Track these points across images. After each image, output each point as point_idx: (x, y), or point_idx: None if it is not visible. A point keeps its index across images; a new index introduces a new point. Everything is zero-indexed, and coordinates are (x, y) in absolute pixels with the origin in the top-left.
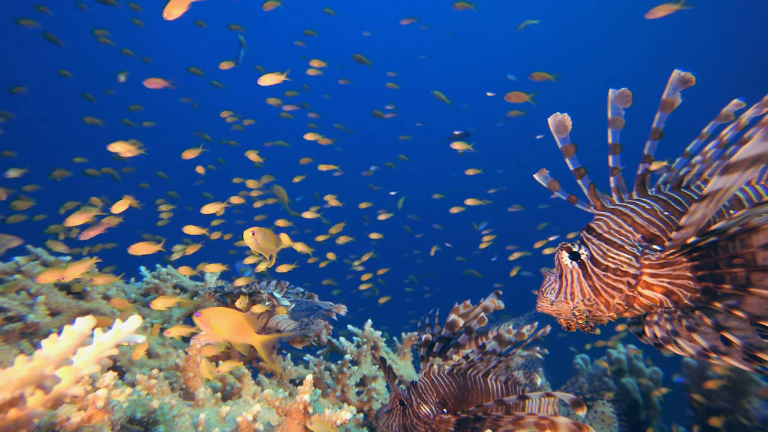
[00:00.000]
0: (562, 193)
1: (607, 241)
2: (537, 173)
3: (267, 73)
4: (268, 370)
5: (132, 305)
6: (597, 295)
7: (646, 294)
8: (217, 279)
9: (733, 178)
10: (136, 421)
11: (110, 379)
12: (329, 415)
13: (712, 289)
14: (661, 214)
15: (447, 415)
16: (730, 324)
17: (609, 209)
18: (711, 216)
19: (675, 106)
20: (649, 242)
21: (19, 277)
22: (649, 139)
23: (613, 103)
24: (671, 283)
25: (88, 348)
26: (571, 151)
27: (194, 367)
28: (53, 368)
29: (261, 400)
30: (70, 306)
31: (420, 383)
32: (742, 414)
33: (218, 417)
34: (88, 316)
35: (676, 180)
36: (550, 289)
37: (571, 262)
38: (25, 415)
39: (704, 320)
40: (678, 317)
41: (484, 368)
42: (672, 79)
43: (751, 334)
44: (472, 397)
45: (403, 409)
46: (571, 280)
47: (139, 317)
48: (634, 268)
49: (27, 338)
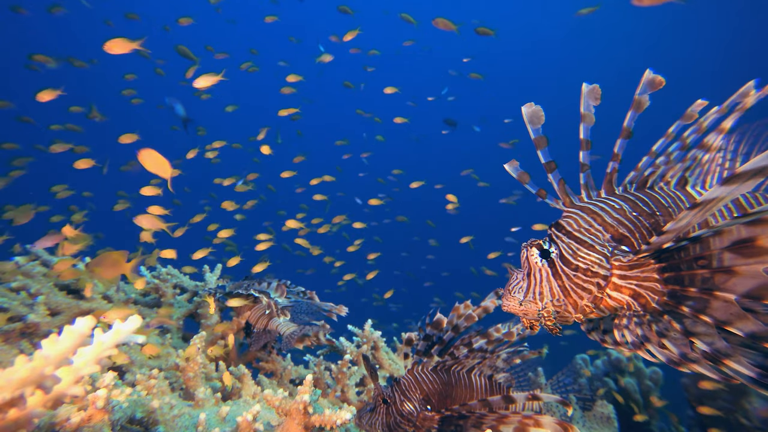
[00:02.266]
0: (532, 186)
1: (577, 239)
2: (507, 163)
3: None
4: (267, 370)
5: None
6: (566, 296)
7: (614, 296)
8: (217, 279)
9: (731, 188)
10: (136, 421)
11: (110, 379)
12: (329, 415)
13: (679, 293)
14: (630, 214)
15: (431, 412)
16: (698, 330)
17: (578, 206)
18: (695, 224)
19: (644, 107)
20: (617, 243)
21: (19, 277)
22: (620, 137)
23: (586, 98)
24: (639, 286)
25: (88, 348)
26: (543, 143)
27: (194, 366)
28: (53, 368)
29: (261, 400)
30: (70, 306)
31: (403, 380)
32: (742, 414)
33: (218, 417)
34: (88, 316)
35: (641, 180)
36: (517, 288)
37: (541, 260)
38: (25, 415)
39: (673, 325)
40: (648, 321)
41: (469, 365)
42: (644, 78)
43: (717, 340)
44: (456, 393)
45: (386, 407)
46: (539, 279)
47: (139, 317)
48: (604, 269)
49: (27, 338)
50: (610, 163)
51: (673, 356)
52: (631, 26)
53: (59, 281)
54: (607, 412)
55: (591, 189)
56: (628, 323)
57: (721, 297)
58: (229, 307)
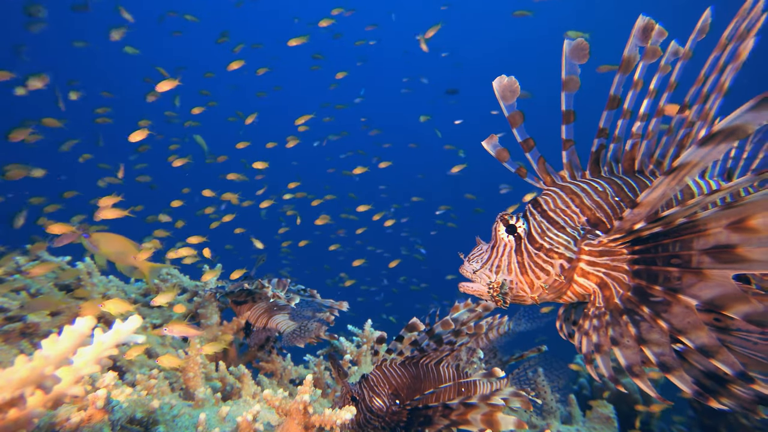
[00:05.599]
0: (512, 164)
1: (549, 219)
2: (486, 140)
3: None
4: (267, 370)
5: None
6: (523, 273)
7: (581, 282)
8: (217, 279)
9: (706, 150)
10: (136, 421)
11: (110, 379)
12: (329, 414)
13: (644, 289)
14: (612, 198)
15: (399, 406)
16: (651, 336)
17: (559, 186)
18: (671, 196)
19: (633, 64)
20: (593, 227)
21: (18, 277)
22: (606, 108)
23: (569, 59)
24: (607, 274)
25: (88, 348)
26: (519, 120)
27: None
28: (53, 368)
29: (261, 400)
30: (70, 306)
31: (371, 376)
32: (742, 414)
33: (218, 417)
34: (88, 316)
35: (627, 158)
36: (477, 257)
37: (507, 235)
38: (25, 415)
39: (629, 329)
40: (606, 323)
41: (437, 357)
42: (636, 27)
43: (668, 350)
44: (425, 386)
45: (355, 404)
46: (500, 253)
47: (139, 317)
48: (570, 251)
49: (27, 338)
50: (595, 140)
51: (621, 364)
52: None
53: (59, 281)
54: (607, 412)
55: (576, 168)
56: (589, 328)
57: (683, 301)
58: (229, 308)
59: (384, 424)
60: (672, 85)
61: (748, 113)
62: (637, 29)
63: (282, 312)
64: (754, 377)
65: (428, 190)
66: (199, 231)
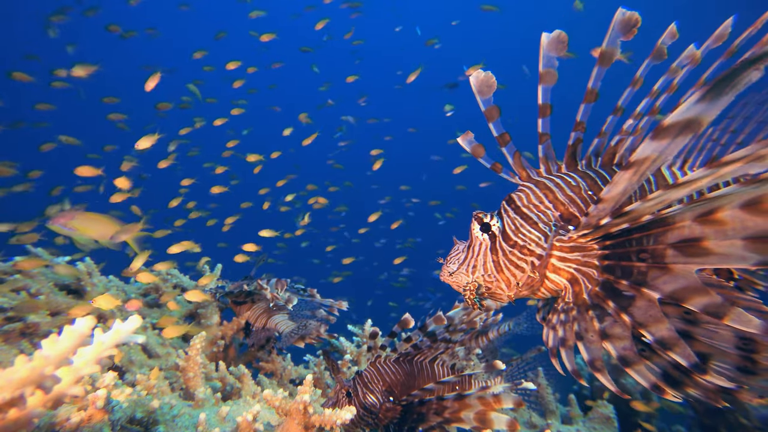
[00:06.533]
0: (487, 160)
1: (523, 215)
2: (461, 136)
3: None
4: (267, 370)
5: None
6: (499, 272)
7: (552, 278)
8: (217, 279)
9: (662, 144)
10: (136, 421)
11: (110, 379)
12: (329, 414)
13: (611, 285)
14: (585, 192)
15: (392, 403)
16: (614, 331)
17: (534, 181)
18: (632, 191)
19: (614, 58)
20: (566, 222)
21: (18, 277)
22: (584, 101)
23: (546, 53)
24: (578, 270)
25: (88, 348)
26: (495, 114)
27: (194, 366)
28: (53, 368)
29: (261, 400)
30: (70, 306)
31: (366, 373)
32: (741, 414)
33: (218, 417)
34: (88, 316)
35: (609, 151)
36: (455, 258)
37: (481, 234)
38: (25, 415)
39: (593, 324)
40: (573, 318)
41: (431, 355)
42: (615, 20)
43: (629, 344)
44: (419, 383)
45: (349, 400)
46: (476, 252)
47: (139, 317)
48: (541, 248)
49: (27, 338)
50: (572, 134)
51: (584, 359)
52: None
53: (59, 281)
54: (608, 412)
55: (552, 162)
56: (557, 322)
57: (646, 294)
58: (229, 308)
59: (377, 421)
60: (673, 87)
61: (698, 104)
62: (617, 22)
63: (282, 312)
64: (707, 369)
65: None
66: (197, 230)
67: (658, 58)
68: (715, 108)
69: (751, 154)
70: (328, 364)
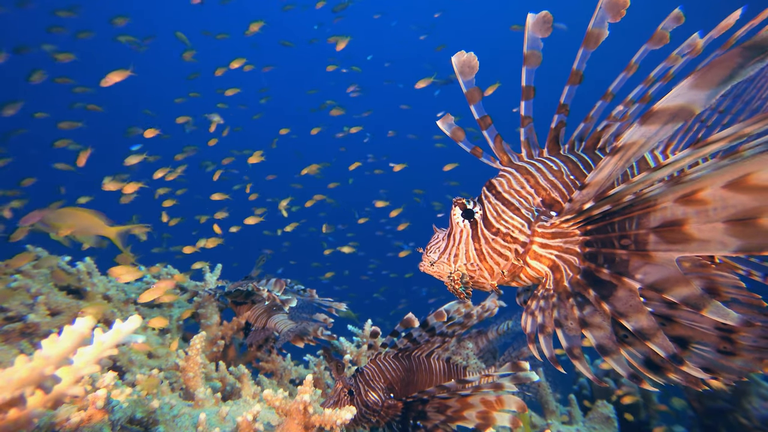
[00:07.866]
0: (467, 144)
1: (504, 201)
2: (440, 119)
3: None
4: (267, 370)
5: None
6: (482, 260)
7: (534, 266)
8: (216, 279)
9: (651, 130)
10: (136, 421)
11: (110, 379)
12: (329, 414)
13: (592, 273)
14: (567, 177)
15: (393, 400)
16: (594, 320)
17: (515, 165)
18: (618, 176)
19: (600, 40)
20: (548, 207)
21: (19, 277)
22: (568, 83)
23: (531, 33)
24: (559, 257)
25: (88, 348)
26: (477, 96)
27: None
28: (53, 368)
29: (261, 400)
30: (70, 306)
31: (366, 370)
32: (741, 414)
33: (218, 417)
34: (88, 316)
35: (593, 136)
36: (435, 247)
37: (462, 220)
38: (25, 415)
39: (573, 312)
40: (552, 305)
41: (428, 349)
42: (602, 2)
43: (609, 334)
44: (417, 378)
45: (350, 398)
46: (457, 241)
47: (139, 317)
48: (524, 234)
49: (27, 338)
50: (554, 117)
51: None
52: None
53: (59, 281)
54: (607, 412)
55: (533, 146)
56: (536, 308)
57: (627, 284)
58: (229, 308)
59: (379, 418)
60: (669, 76)
61: (691, 91)
62: (604, 2)
63: (282, 312)
64: (683, 360)
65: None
66: (195, 228)
67: (657, 42)
68: (708, 96)
69: (735, 133)
70: (330, 364)
